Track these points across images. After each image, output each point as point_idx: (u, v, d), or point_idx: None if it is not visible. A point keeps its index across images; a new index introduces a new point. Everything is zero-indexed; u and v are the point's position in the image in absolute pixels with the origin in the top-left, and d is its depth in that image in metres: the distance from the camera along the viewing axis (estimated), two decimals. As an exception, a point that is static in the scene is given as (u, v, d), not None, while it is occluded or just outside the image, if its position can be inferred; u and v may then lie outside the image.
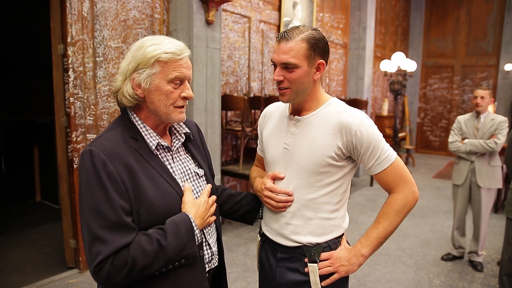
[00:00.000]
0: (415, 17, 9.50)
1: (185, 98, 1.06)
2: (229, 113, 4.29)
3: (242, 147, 3.94)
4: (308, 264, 1.20)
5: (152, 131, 1.07)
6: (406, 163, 8.18)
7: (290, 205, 1.22)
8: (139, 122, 1.07)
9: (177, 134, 1.17)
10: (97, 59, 2.86)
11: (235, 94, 4.33)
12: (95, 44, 2.84)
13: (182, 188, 1.09)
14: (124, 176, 0.97)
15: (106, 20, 2.90)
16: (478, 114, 3.26)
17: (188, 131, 1.19)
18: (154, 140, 1.07)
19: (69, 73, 2.70)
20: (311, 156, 1.17)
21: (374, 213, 4.69)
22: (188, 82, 1.08)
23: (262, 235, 1.35)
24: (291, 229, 1.22)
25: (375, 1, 7.02)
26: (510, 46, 8.16)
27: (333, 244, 1.23)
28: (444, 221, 4.45)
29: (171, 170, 1.09)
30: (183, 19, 3.30)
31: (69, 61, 2.69)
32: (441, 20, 9.21)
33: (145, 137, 1.06)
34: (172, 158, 1.12)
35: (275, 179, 1.26)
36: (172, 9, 3.37)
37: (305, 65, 1.13)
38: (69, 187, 2.86)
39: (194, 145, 1.22)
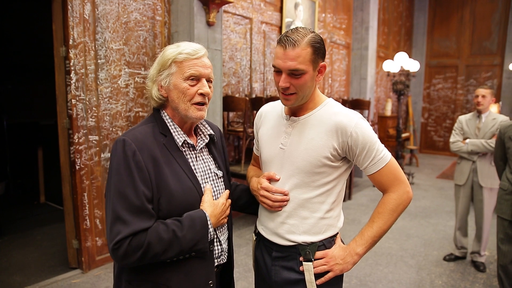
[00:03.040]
0: (418, 16, 9.46)
1: (202, 95, 1.14)
2: (231, 114, 4.31)
3: (244, 147, 3.95)
4: (303, 262, 1.21)
5: (179, 129, 1.18)
6: (410, 163, 8.15)
7: (286, 205, 1.23)
8: (169, 120, 1.18)
9: (202, 135, 1.26)
10: (99, 61, 2.89)
11: (237, 95, 4.35)
12: (96, 46, 2.87)
13: (203, 188, 1.18)
14: (149, 166, 1.06)
15: (108, 23, 2.93)
16: (479, 113, 3.24)
17: (212, 133, 1.29)
18: (181, 137, 1.16)
19: (71, 75, 2.73)
20: (307, 157, 1.18)
21: (377, 213, 4.67)
22: (208, 81, 1.17)
23: (258, 234, 1.36)
24: (287, 228, 1.23)
25: (378, 1, 7.00)
26: (515, 45, 8.09)
27: (328, 243, 1.24)
28: (447, 221, 4.43)
29: (193, 168, 1.18)
30: (184, 21, 3.32)
31: (71, 63, 2.72)
32: (445, 20, 9.17)
33: (173, 134, 1.16)
34: (196, 157, 1.21)
35: (270, 179, 1.27)
36: (173, 11, 3.40)
37: (310, 69, 1.15)
38: (71, 188, 2.89)
39: (216, 148, 1.31)
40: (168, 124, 1.17)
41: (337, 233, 1.28)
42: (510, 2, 8.17)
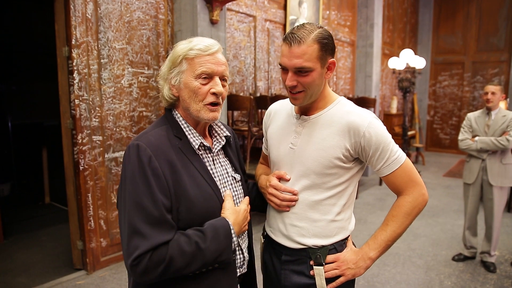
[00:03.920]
0: (423, 13, 9.35)
1: (214, 95, 1.05)
2: (236, 113, 4.27)
3: (249, 147, 3.91)
4: (314, 267, 1.17)
5: (195, 131, 1.10)
6: (416, 161, 8.06)
7: (294, 205, 1.19)
8: (183, 122, 1.10)
9: (217, 137, 1.19)
10: (102, 60, 2.87)
11: (241, 94, 4.31)
12: (99, 45, 2.84)
13: (222, 194, 1.10)
14: (167, 173, 0.98)
15: (110, 22, 2.90)
16: (489, 110, 3.18)
17: (229, 134, 1.21)
18: (197, 140, 1.09)
19: (74, 75, 2.70)
20: (318, 157, 1.14)
21: (383, 212, 4.62)
22: (222, 79, 1.08)
23: (266, 236, 1.32)
24: (296, 231, 1.19)
25: (383, -2, 6.93)
26: (522, 41, 7.98)
27: (339, 246, 1.20)
28: (455, 220, 4.37)
29: (211, 172, 1.10)
30: (187, 19, 3.29)
31: (74, 63, 2.69)
32: (451, 16, 9.05)
33: (189, 137, 1.08)
34: (213, 160, 1.14)
35: (280, 179, 1.23)
36: (176, 9, 3.36)
37: (318, 67, 1.10)
38: (75, 188, 2.87)
39: (232, 150, 1.24)
40: (182, 126, 1.09)
41: (349, 236, 1.24)
42: (517, -3, 8.05)
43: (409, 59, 6.04)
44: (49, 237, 3.65)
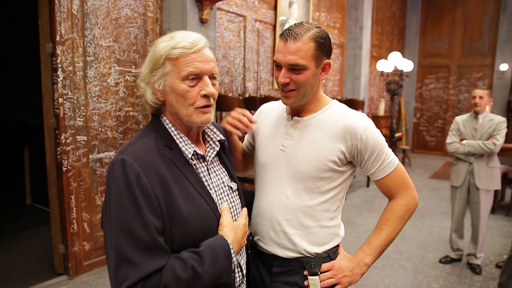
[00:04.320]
0: (411, 17, 9.49)
1: (206, 97, 0.95)
2: (224, 114, 4.22)
3: (238, 148, 3.86)
4: (309, 277, 1.13)
5: (186, 138, 0.99)
6: (403, 163, 8.14)
7: (245, 131, 1.18)
8: (173, 129, 0.99)
9: (210, 142, 1.08)
10: (88, 58, 2.78)
11: (230, 95, 4.26)
12: (85, 43, 2.75)
13: (219, 207, 1.00)
14: (157, 190, 0.87)
15: (97, 18, 2.81)
16: (476, 114, 3.21)
17: (223, 138, 1.09)
18: (190, 148, 0.98)
19: (58, 73, 2.61)
20: (313, 160, 1.11)
21: (371, 214, 4.63)
22: (212, 77, 0.97)
23: (252, 247, 1.25)
24: (289, 239, 1.14)
25: (372, 1, 6.97)
26: (506, 46, 8.16)
27: (332, 253, 1.17)
28: (441, 222, 4.41)
29: (206, 184, 1.00)
30: (176, 18, 3.22)
31: (58, 61, 2.60)
32: (437, 21, 9.21)
33: (180, 145, 0.97)
34: (207, 170, 1.03)
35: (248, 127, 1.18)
36: (166, 7, 3.29)
37: (313, 66, 1.07)
38: (58, 190, 2.77)
39: (226, 155, 1.14)
40: (172, 134, 0.98)
41: (339, 242, 1.21)
42: (500, 4, 8.24)
43: (397, 61, 6.10)
44: (30, 240, 3.52)
